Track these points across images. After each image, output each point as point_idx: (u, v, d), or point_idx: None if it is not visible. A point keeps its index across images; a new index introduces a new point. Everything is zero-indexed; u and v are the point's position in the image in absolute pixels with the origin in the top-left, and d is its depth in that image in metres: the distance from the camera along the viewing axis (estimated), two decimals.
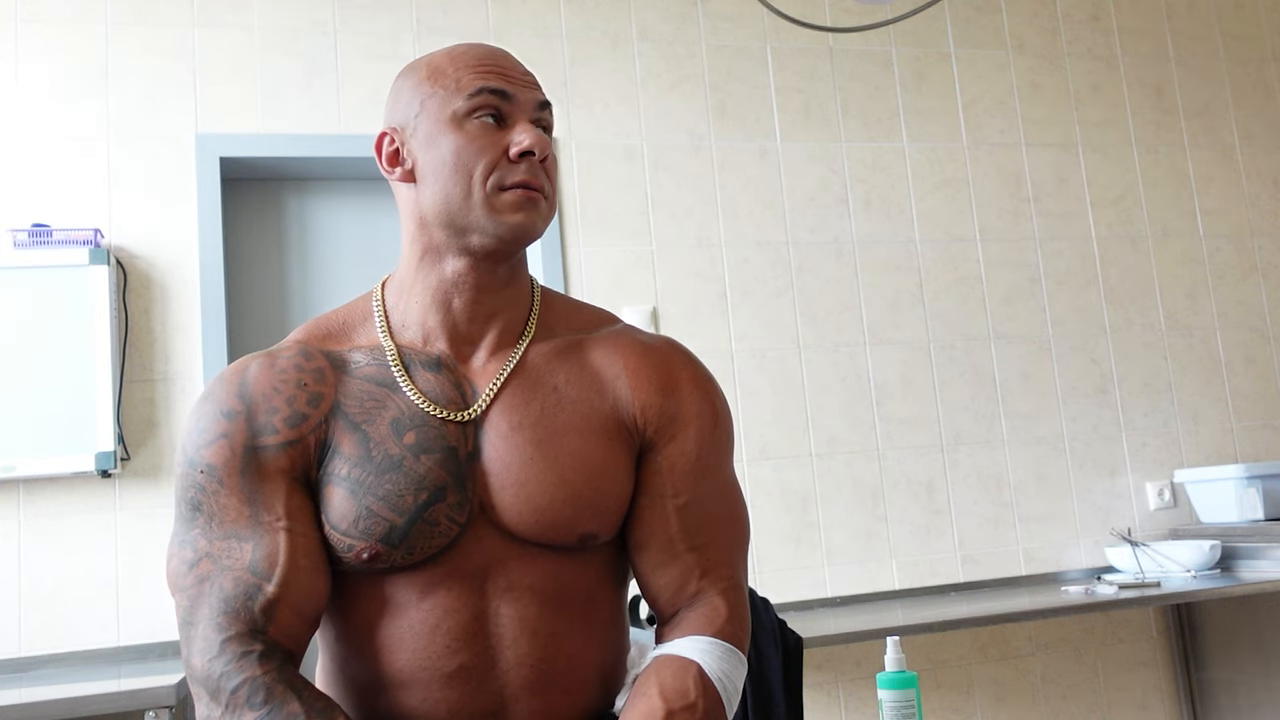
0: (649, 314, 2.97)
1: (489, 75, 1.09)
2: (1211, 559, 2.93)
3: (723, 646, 1.09)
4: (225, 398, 1.08)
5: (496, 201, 1.07)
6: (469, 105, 1.08)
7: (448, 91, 1.09)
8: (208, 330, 2.67)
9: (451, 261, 1.11)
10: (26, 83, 2.69)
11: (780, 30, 3.23)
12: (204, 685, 0.99)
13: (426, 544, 1.05)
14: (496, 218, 1.07)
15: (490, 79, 1.09)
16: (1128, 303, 3.40)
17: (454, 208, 1.08)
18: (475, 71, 1.09)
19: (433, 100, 1.10)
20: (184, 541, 1.06)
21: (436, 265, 1.12)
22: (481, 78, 1.09)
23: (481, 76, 1.09)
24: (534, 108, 1.11)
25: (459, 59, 1.11)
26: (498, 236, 1.08)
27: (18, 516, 2.51)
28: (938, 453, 3.15)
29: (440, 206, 1.09)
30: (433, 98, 1.10)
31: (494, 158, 1.07)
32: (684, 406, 1.15)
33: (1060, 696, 3.15)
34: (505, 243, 1.08)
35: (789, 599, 2.93)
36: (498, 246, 1.09)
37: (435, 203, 1.09)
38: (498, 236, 1.08)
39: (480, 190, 1.07)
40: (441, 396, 1.10)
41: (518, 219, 1.07)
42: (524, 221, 1.08)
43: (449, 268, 1.11)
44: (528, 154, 1.07)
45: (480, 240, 1.08)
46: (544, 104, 1.12)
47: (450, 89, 1.09)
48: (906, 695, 1.86)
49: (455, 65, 1.10)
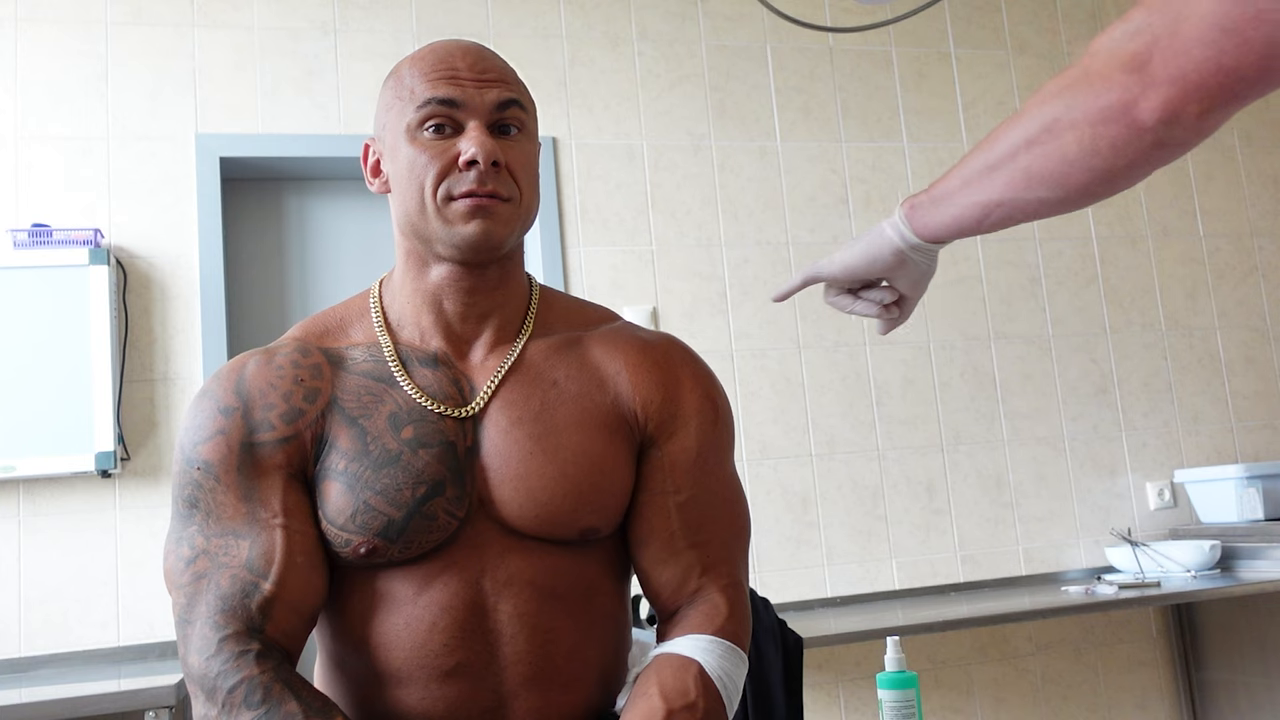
0: (649, 314, 2.97)
1: (438, 84, 1.07)
2: (1211, 559, 2.92)
3: (723, 645, 1.09)
4: (222, 394, 1.08)
5: (447, 212, 1.07)
6: (418, 117, 1.07)
7: (403, 102, 1.09)
8: (208, 330, 2.67)
9: (435, 267, 1.11)
10: (26, 82, 2.69)
11: (780, 30, 3.23)
12: (201, 684, 0.99)
13: (424, 539, 1.05)
14: (449, 228, 1.07)
15: (440, 87, 1.07)
16: (1128, 303, 3.40)
17: (414, 219, 1.09)
18: (426, 80, 1.08)
19: (392, 112, 1.10)
20: (181, 539, 1.06)
21: (423, 270, 1.12)
22: (432, 86, 1.07)
23: (431, 85, 1.08)
24: (490, 110, 1.08)
25: (416, 66, 1.10)
26: (455, 246, 1.07)
27: (18, 516, 2.51)
28: (938, 453, 3.15)
29: (404, 217, 1.10)
30: (392, 109, 1.11)
31: (442, 168, 1.06)
32: (684, 403, 1.15)
33: (1060, 696, 3.14)
34: (464, 252, 1.08)
35: (789, 599, 2.92)
36: (460, 256, 1.08)
37: (401, 213, 1.10)
38: (455, 246, 1.07)
39: (432, 202, 1.07)
40: (440, 392, 1.10)
41: (469, 229, 1.06)
42: (477, 230, 1.06)
43: (433, 273, 1.12)
44: (474, 163, 1.05)
45: (443, 250, 1.09)
46: (505, 103, 1.09)
47: (405, 99, 1.09)
48: (906, 695, 1.86)
49: (412, 73, 1.10)
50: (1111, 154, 0.86)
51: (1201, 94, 0.79)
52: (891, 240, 1.09)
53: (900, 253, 1.09)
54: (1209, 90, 0.78)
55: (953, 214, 1.03)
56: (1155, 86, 0.80)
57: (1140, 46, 0.81)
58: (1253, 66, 0.76)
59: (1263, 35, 0.74)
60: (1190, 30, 0.77)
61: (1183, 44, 0.78)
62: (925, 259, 1.11)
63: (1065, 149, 0.88)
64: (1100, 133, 0.85)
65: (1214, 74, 0.77)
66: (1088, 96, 0.85)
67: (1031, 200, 0.95)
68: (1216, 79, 0.78)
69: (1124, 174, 0.88)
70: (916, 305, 1.19)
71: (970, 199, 0.99)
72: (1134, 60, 0.81)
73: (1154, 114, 0.81)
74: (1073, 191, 0.91)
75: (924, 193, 1.05)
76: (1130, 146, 0.85)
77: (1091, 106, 0.85)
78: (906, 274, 1.12)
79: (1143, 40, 0.81)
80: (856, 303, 1.18)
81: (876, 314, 1.18)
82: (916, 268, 1.11)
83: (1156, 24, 0.80)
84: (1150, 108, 0.81)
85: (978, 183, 0.98)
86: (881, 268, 1.11)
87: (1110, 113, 0.84)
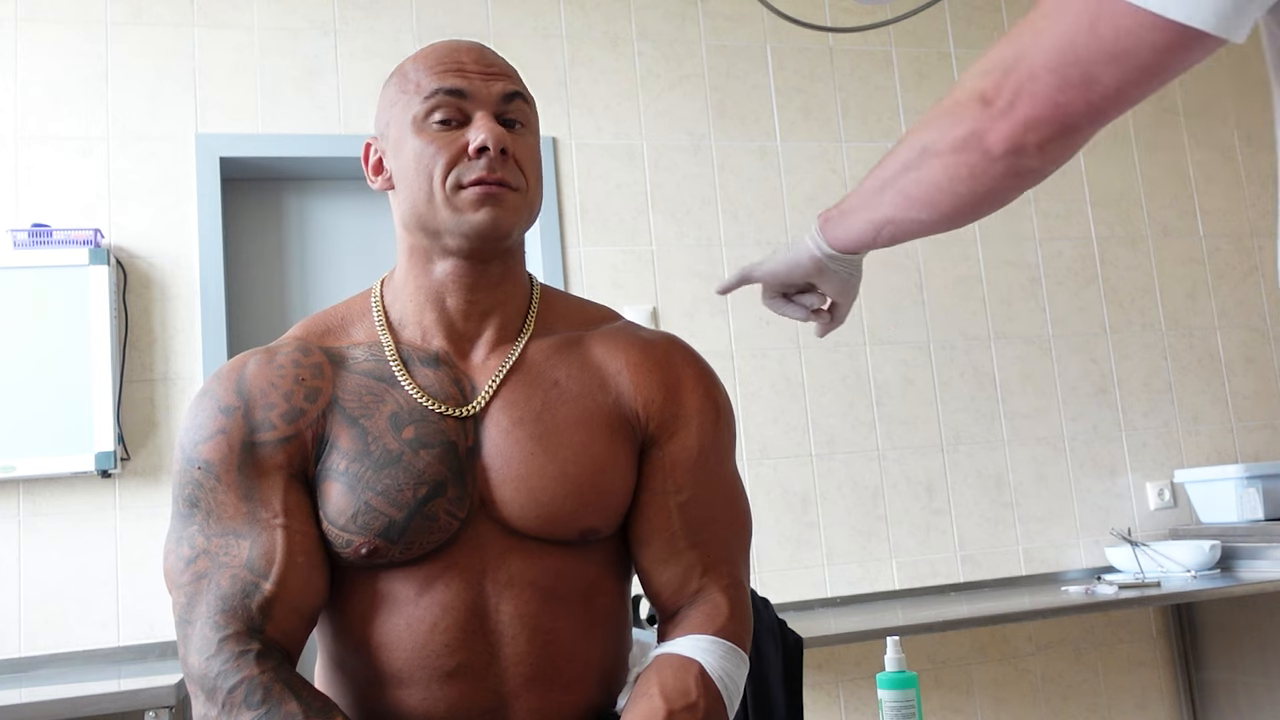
0: (649, 314, 2.97)
1: (445, 75, 1.09)
2: (1211, 559, 2.92)
3: (724, 645, 1.09)
4: (223, 394, 1.08)
5: (457, 200, 1.07)
6: (425, 108, 1.08)
7: (409, 96, 1.10)
8: (208, 330, 2.67)
9: (439, 263, 1.11)
10: (26, 82, 2.68)
11: (780, 30, 3.23)
12: (201, 684, 0.99)
13: (425, 539, 1.05)
14: (459, 216, 1.07)
15: (446, 78, 1.08)
16: (1128, 303, 3.40)
17: (421, 211, 1.09)
18: (432, 73, 1.09)
19: (397, 107, 1.11)
20: (181, 538, 1.05)
21: (426, 267, 1.12)
22: (438, 78, 1.09)
23: (438, 77, 1.09)
24: (496, 101, 1.10)
25: (421, 61, 1.11)
26: (464, 235, 1.08)
27: (18, 516, 2.51)
28: (938, 453, 3.15)
29: (411, 211, 1.10)
30: (397, 104, 1.11)
31: (452, 157, 1.07)
32: (686, 402, 1.15)
33: (1060, 696, 3.14)
34: (473, 240, 1.08)
35: (789, 599, 2.92)
36: (468, 246, 1.09)
37: (407, 207, 1.10)
38: (464, 235, 1.08)
39: (441, 191, 1.07)
40: (441, 392, 1.10)
41: (479, 216, 1.07)
42: (486, 218, 1.07)
43: (437, 269, 1.12)
44: (484, 150, 1.06)
45: (452, 241, 1.09)
46: (511, 95, 1.11)
47: (411, 93, 1.10)
48: (906, 695, 1.86)
49: (417, 69, 1.11)
50: (972, 180, 0.93)
51: (1039, 127, 0.85)
52: (810, 250, 1.17)
53: (818, 261, 1.16)
54: (1044, 124, 0.85)
55: (855, 229, 1.10)
56: (1001, 119, 0.87)
57: (991, 82, 0.87)
58: (1078, 104, 0.83)
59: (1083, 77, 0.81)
60: (1027, 68, 0.84)
61: (1022, 81, 0.84)
62: (844, 268, 1.18)
63: (934, 175, 0.96)
64: (961, 160, 0.92)
65: (1047, 109, 0.84)
66: (949, 126, 0.92)
67: (913, 220, 1.03)
68: (1049, 114, 0.84)
69: (986, 199, 0.95)
70: (849, 311, 1.26)
71: (866, 216, 1.08)
72: (985, 94, 0.87)
73: (1000, 145, 0.88)
74: (944, 214, 0.99)
75: (835, 207, 1.13)
76: (987, 174, 0.91)
77: (952, 136, 0.92)
78: (829, 281, 1.19)
79: (994, 76, 0.87)
80: (788, 306, 1.26)
81: (805, 318, 1.26)
82: (837, 276, 1.18)
83: (1007, 59, 0.86)
84: (998, 139, 0.88)
85: (872, 201, 1.05)
86: (802, 274, 1.19)
87: (967, 142, 0.90)
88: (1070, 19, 0.81)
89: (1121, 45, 0.78)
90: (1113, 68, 0.80)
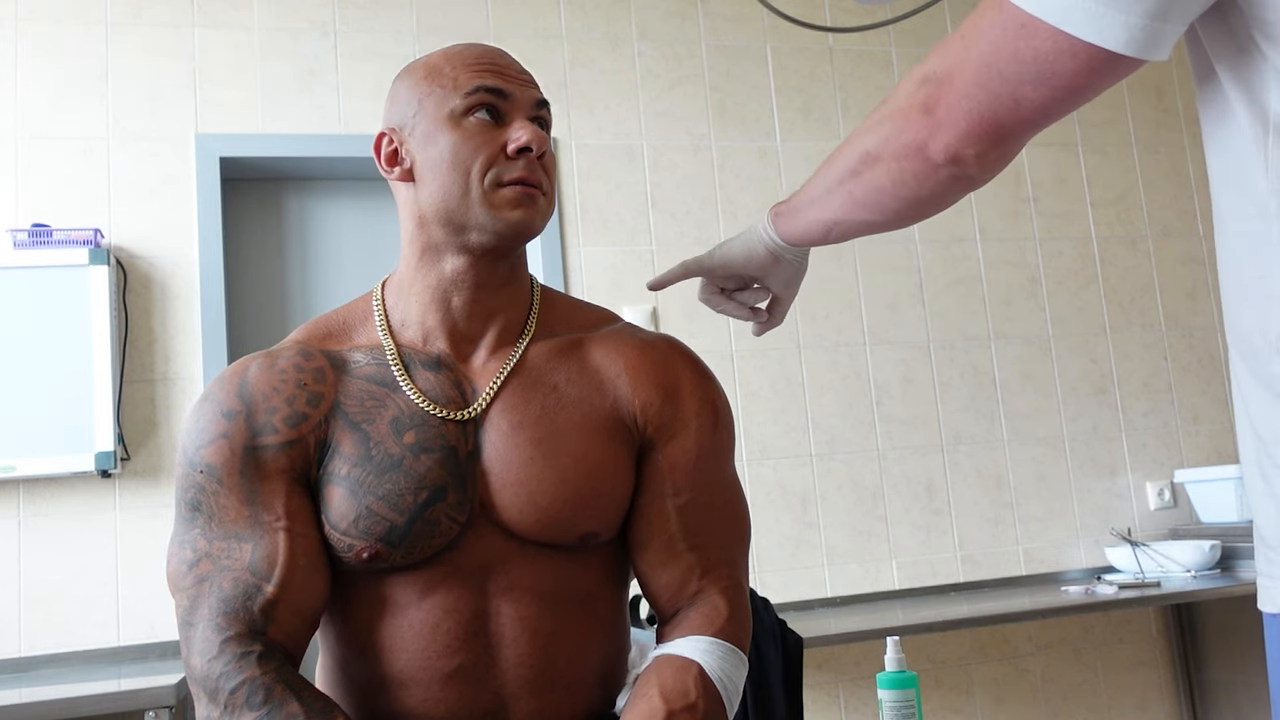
0: (649, 314, 2.97)
1: (486, 74, 1.10)
2: (1211, 559, 2.92)
3: (723, 646, 1.09)
4: (225, 398, 1.08)
5: (495, 198, 1.08)
6: (466, 103, 1.08)
7: (445, 90, 1.10)
8: (208, 330, 2.67)
9: (451, 260, 1.11)
10: (26, 83, 2.68)
11: (780, 30, 3.23)
12: (203, 686, 0.99)
13: (427, 543, 1.05)
14: (495, 214, 1.07)
15: (487, 77, 1.09)
16: (1128, 303, 3.40)
17: (452, 205, 1.08)
18: (472, 70, 1.10)
19: (430, 99, 1.10)
20: (183, 541, 1.06)
21: (436, 264, 1.12)
22: (479, 76, 1.09)
23: (479, 75, 1.09)
24: (531, 106, 1.11)
25: (456, 58, 1.12)
26: (496, 233, 1.08)
27: (18, 516, 2.51)
28: (938, 453, 3.15)
29: (439, 204, 1.09)
30: (430, 97, 1.11)
31: (491, 154, 1.08)
32: (684, 405, 1.15)
33: (1060, 696, 3.14)
34: (504, 239, 1.09)
35: (789, 599, 2.93)
36: (496, 243, 1.09)
37: (434, 200, 1.10)
38: (496, 233, 1.08)
39: (479, 187, 1.07)
40: (441, 396, 1.10)
41: (516, 215, 1.08)
42: (523, 217, 1.08)
43: (448, 266, 1.12)
44: (525, 150, 1.07)
45: (479, 237, 1.09)
46: (541, 102, 1.13)
47: (448, 88, 1.10)
48: (906, 695, 1.86)
49: (452, 64, 1.11)
50: (916, 185, 0.95)
51: (972, 139, 0.88)
52: (764, 239, 1.20)
53: (773, 251, 1.19)
54: (977, 136, 0.87)
55: (804, 226, 1.13)
56: (940, 129, 0.89)
57: (930, 91, 0.89)
58: (1008, 120, 0.85)
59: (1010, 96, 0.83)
60: (960, 84, 0.86)
61: (956, 93, 0.86)
62: (796, 258, 1.21)
63: (878, 179, 0.98)
64: (905, 166, 0.94)
65: (978, 123, 0.86)
66: (892, 132, 0.94)
67: (860, 221, 1.06)
68: (981, 127, 0.86)
69: (930, 202, 0.98)
70: (789, 308, 1.27)
71: (815, 216, 1.10)
72: (925, 102, 0.89)
73: (940, 154, 0.90)
74: (889, 216, 1.02)
75: (786, 202, 1.16)
76: (930, 180, 0.94)
77: (896, 143, 0.94)
78: (780, 272, 1.22)
79: (932, 85, 0.89)
80: (728, 303, 1.27)
81: (745, 316, 1.28)
82: (790, 266, 1.21)
83: (941, 70, 0.88)
84: (938, 149, 0.90)
85: (821, 202, 1.08)
86: (758, 264, 1.21)
87: (909, 150, 0.92)
88: (994, 40, 0.82)
89: (1042, 67, 0.80)
90: (1037, 88, 0.81)
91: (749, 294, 1.26)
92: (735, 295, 1.27)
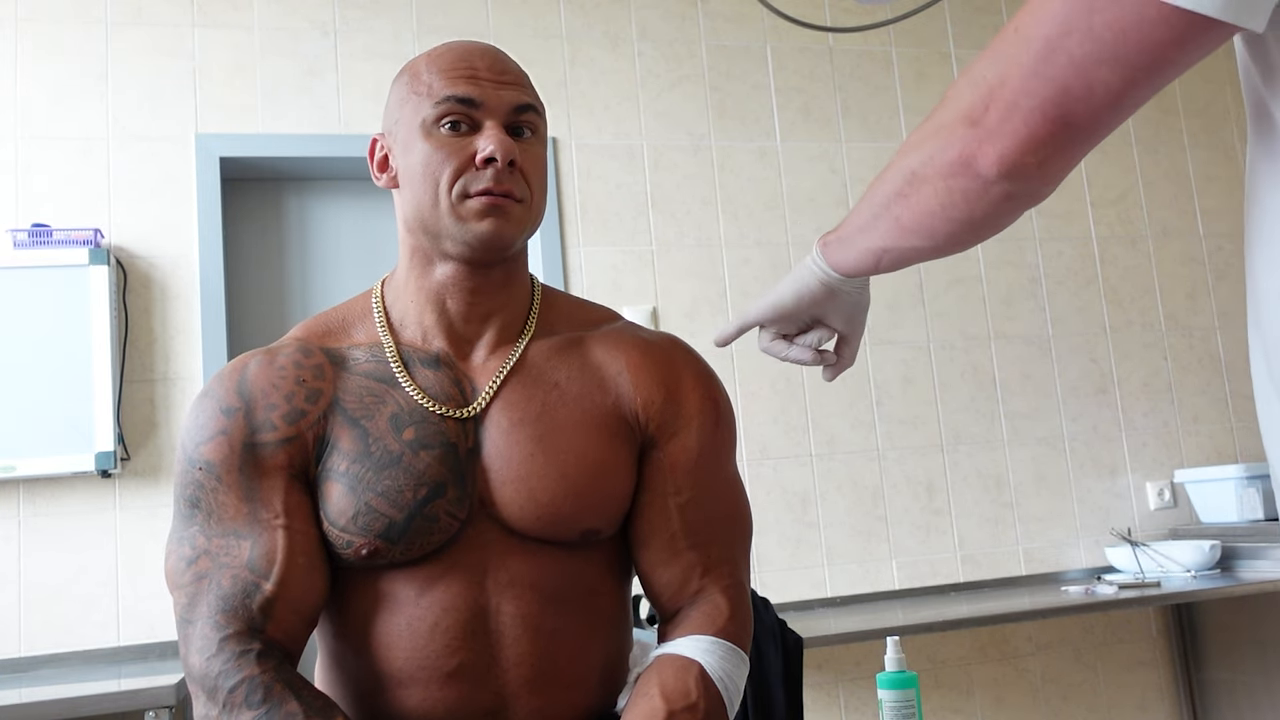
0: (649, 314, 2.97)
1: (458, 82, 1.08)
2: (1211, 559, 2.92)
3: (724, 646, 1.09)
4: (224, 394, 1.08)
5: (462, 209, 1.07)
6: (436, 113, 1.08)
7: (420, 98, 1.09)
8: (208, 330, 2.67)
9: (440, 266, 1.11)
10: (26, 82, 2.68)
11: (780, 30, 3.23)
12: (201, 684, 0.99)
13: (426, 540, 1.05)
14: (462, 225, 1.07)
15: (458, 86, 1.08)
16: (1128, 303, 3.40)
17: (425, 215, 1.08)
18: (445, 77, 1.08)
19: (407, 106, 1.10)
20: (182, 539, 1.06)
21: (427, 268, 1.12)
22: (450, 84, 1.08)
23: (451, 83, 1.08)
24: (508, 111, 1.09)
25: (435, 63, 1.11)
26: (466, 244, 1.08)
27: (18, 516, 2.51)
28: (938, 453, 3.15)
29: (415, 213, 1.10)
30: (407, 104, 1.11)
31: (459, 165, 1.07)
32: (686, 403, 1.15)
33: (1060, 696, 3.14)
34: (475, 250, 1.08)
35: (789, 599, 2.92)
36: (469, 254, 1.09)
37: (411, 209, 1.10)
38: (466, 244, 1.08)
39: (446, 198, 1.07)
40: (441, 393, 1.10)
41: (483, 226, 1.07)
42: (489, 229, 1.07)
43: (438, 271, 1.12)
44: (492, 160, 1.06)
45: (453, 247, 1.09)
46: (522, 106, 1.10)
47: (422, 95, 1.09)
48: (906, 695, 1.86)
49: (430, 70, 1.10)
50: (966, 205, 0.86)
51: (1035, 145, 0.78)
52: (816, 273, 1.08)
53: (826, 284, 1.08)
54: (1041, 141, 0.78)
55: (855, 256, 1.03)
56: (991, 140, 0.80)
57: (977, 98, 0.80)
58: (1080, 114, 0.76)
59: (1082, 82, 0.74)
60: (1014, 80, 0.77)
61: (1011, 95, 0.77)
62: (855, 289, 1.09)
63: (926, 201, 0.89)
64: (953, 185, 0.85)
65: (1042, 125, 0.77)
66: (937, 149, 0.85)
67: (910, 248, 0.96)
68: (1046, 130, 0.77)
69: (984, 223, 0.88)
70: (858, 345, 1.16)
71: (864, 244, 1.00)
72: (971, 113, 0.81)
73: (993, 168, 0.81)
74: (941, 240, 0.92)
75: (834, 230, 1.06)
76: (981, 198, 0.84)
77: (941, 160, 0.85)
78: (839, 307, 1.10)
79: (979, 92, 0.80)
80: (791, 348, 1.15)
81: (811, 360, 1.15)
82: (849, 298, 1.09)
83: (990, 75, 0.79)
84: (988, 162, 0.81)
85: (869, 229, 0.98)
86: (810, 302, 1.10)
87: (956, 167, 0.84)
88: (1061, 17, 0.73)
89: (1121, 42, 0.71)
90: (1115, 69, 0.72)
91: (812, 334, 1.14)
92: (797, 339, 1.15)
